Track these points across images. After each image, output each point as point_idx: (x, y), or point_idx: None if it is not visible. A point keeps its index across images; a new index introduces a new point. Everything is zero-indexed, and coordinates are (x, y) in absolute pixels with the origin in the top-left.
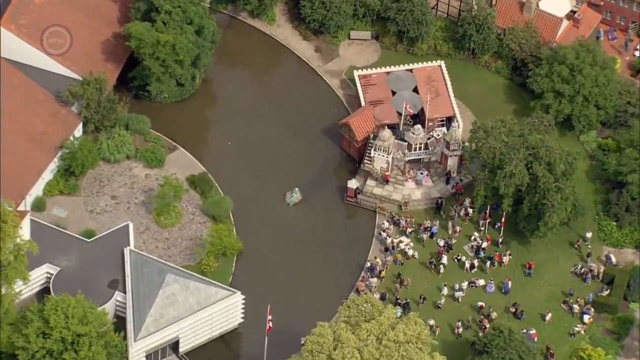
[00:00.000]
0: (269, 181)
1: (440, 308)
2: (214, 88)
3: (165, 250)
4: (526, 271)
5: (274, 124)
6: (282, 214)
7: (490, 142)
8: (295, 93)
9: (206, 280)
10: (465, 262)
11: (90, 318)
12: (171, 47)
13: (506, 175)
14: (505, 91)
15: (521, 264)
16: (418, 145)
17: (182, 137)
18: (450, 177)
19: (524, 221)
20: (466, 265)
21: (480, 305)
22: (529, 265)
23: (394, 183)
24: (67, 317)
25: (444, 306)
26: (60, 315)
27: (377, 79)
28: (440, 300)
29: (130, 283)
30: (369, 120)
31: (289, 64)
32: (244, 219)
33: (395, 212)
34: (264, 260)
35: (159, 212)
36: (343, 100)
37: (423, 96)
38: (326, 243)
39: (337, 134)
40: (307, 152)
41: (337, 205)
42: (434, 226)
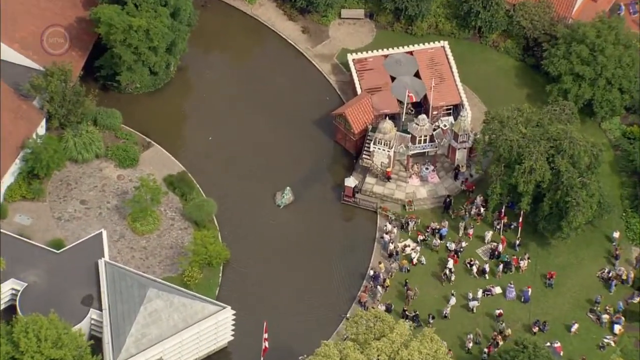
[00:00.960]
0: (257, 180)
1: (447, 318)
2: (190, 76)
3: (142, 261)
4: (547, 281)
5: (259, 115)
6: (273, 216)
7: (507, 134)
8: (282, 80)
9: (191, 294)
10: (473, 268)
11: (65, 340)
12: (144, 32)
13: (525, 171)
14: (517, 74)
15: (541, 274)
16: (423, 138)
17: (157, 132)
18: (459, 172)
19: (544, 221)
20: (474, 270)
21: (498, 313)
22: (549, 275)
23: (396, 180)
24: (39, 340)
25: (454, 317)
26: (31, 339)
27: (374, 63)
28: (446, 309)
29: (107, 299)
30: (366, 110)
31: (274, 48)
32: (230, 223)
33: (398, 213)
34: (254, 269)
35: (135, 217)
36: (336, 88)
37: (426, 81)
38: (322, 249)
39: (331, 125)
40: (297, 147)
41: (333, 206)
42: (442, 228)
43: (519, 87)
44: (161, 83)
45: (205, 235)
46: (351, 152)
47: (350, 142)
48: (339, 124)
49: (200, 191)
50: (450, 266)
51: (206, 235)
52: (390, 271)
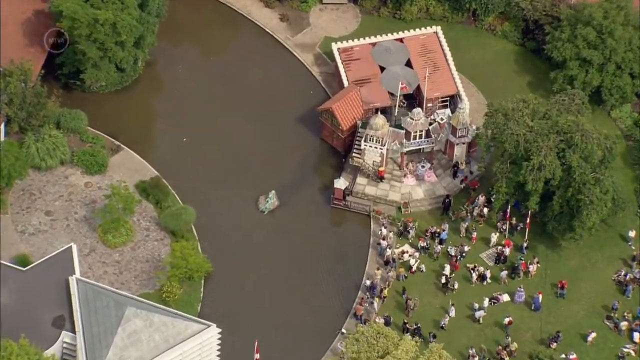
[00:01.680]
0: (238, 184)
1: (444, 329)
2: (160, 72)
3: (116, 276)
4: (558, 291)
5: (237, 113)
6: (256, 223)
7: (512, 128)
8: (261, 74)
9: (173, 312)
10: (473, 274)
11: None
12: (111, 26)
13: (534, 168)
14: (516, 60)
15: (551, 283)
16: (418, 133)
17: (127, 134)
18: (458, 169)
19: (554, 221)
20: (474, 277)
21: (508, 321)
22: (560, 284)
23: (389, 180)
24: None
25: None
26: None
27: (361, 52)
28: (443, 320)
29: (80, 320)
30: (355, 104)
31: (251, 38)
32: (210, 232)
33: (393, 216)
34: (238, 282)
35: (106, 229)
36: (319, 80)
37: (418, 71)
38: (312, 257)
39: (316, 122)
40: (280, 147)
41: (322, 210)
42: (442, 231)
43: (520, 75)
44: (129, 80)
45: (184, 247)
46: (339, 150)
47: (338, 140)
48: (326, 120)
49: (177, 198)
50: (447, 272)
51: (185, 246)
52: (387, 280)
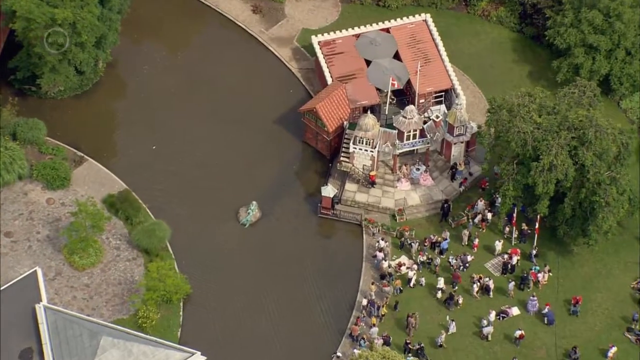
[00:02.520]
0: (215, 196)
1: (442, 347)
2: (123, 73)
3: (86, 302)
4: (571, 308)
5: (211, 116)
6: (238, 238)
7: (519, 125)
8: (234, 72)
9: (152, 339)
10: (474, 286)
11: None
12: (70, 25)
13: (544, 169)
14: (514, 48)
15: (564, 299)
16: (412, 133)
17: (90, 144)
18: (457, 171)
19: (565, 225)
20: (474, 289)
21: (519, 335)
22: (575, 300)
23: (382, 185)
24: None
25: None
26: None
27: (344, 45)
28: (439, 337)
29: (50, 353)
30: (341, 103)
31: (221, 33)
32: (187, 249)
33: (387, 225)
34: (220, 304)
35: (73, 249)
36: (299, 77)
37: (408, 64)
38: (300, 273)
39: (298, 124)
40: (260, 152)
41: (309, 221)
42: (444, 240)
43: (519, 64)
44: (89, 84)
45: (161, 267)
46: (325, 154)
47: (324, 143)
48: (309, 121)
49: (148, 212)
50: (442, 286)
51: (162, 266)
52: (385, 296)
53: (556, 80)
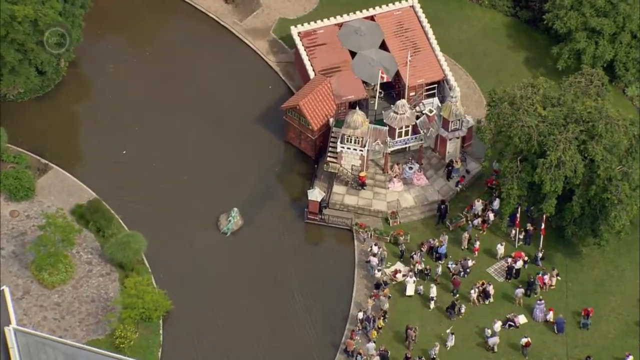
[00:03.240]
0: (193, 203)
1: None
2: (87, 72)
3: (58, 322)
4: (582, 321)
5: (184, 117)
6: (219, 248)
7: (523, 119)
8: (208, 68)
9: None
10: (472, 291)
11: None
12: (31, 23)
13: (552, 165)
14: (509, 34)
15: (573, 308)
16: (404, 129)
17: (55, 150)
18: (453, 168)
19: (573, 225)
20: (472, 295)
21: (525, 342)
22: (585, 312)
23: (372, 186)
24: None
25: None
26: None
27: (326, 35)
28: (433, 350)
29: None
30: (326, 99)
31: (191, 25)
32: (165, 262)
33: (379, 229)
34: (203, 320)
35: (41, 266)
36: (278, 72)
37: (396, 54)
38: (288, 284)
39: (280, 122)
40: (240, 155)
41: (295, 228)
42: (441, 245)
43: (514, 51)
44: (51, 85)
45: (138, 282)
46: (310, 154)
47: (308, 142)
48: (292, 119)
49: (122, 223)
50: (434, 295)
51: (140, 281)
52: (381, 306)
53: (557, 67)
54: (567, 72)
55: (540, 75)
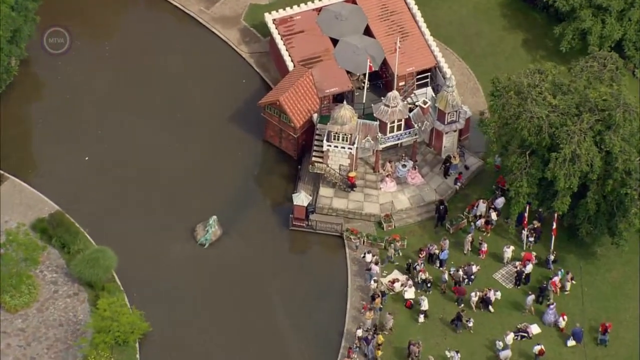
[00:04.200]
0: (166, 212)
1: None
2: (42, 71)
3: (23, 350)
4: (599, 337)
5: (152, 117)
6: (197, 261)
7: (531, 110)
8: (174, 62)
9: None
10: (472, 298)
11: None
12: None
13: (566, 159)
14: (503, 13)
15: (590, 326)
16: (396, 123)
17: (9, 159)
18: (451, 165)
19: (588, 223)
20: (472, 300)
21: (539, 351)
22: (603, 328)
23: (363, 187)
24: None
25: None
26: None
27: (304, 22)
28: None
29: None
30: (308, 93)
31: (154, 16)
32: (138, 278)
33: (372, 235)
34: (183, 342)
35: (2, 288)
36: (252, 64)
37: (382, 40)
38: (275, 299)
39: (257, 120)
40: (215, 157)
41: (279, 236)
42: (443, 250)
43: (510, 32)
44: (1, 86)
45: (112, 303)
46: (291, 154)
47: (289, 141)
48: (271, 117)
49: (88, 238)
50: (425, 307)
51: (113, 302)
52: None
53: (559, 49)
54: (571, 54)
55: (541, 58)
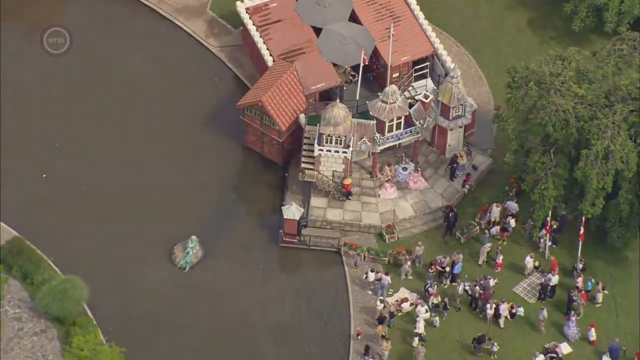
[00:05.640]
0: (139, 232)
1: None
2: None
3: None
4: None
5: (115, 124)
6: (177, 287)
7: (556, 102)
8: (135, 61)
9: None
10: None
11: None
12: None
13: (598, 157)
14: None
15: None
16: (395, 122)
17: None
18: (457, 165)
19: (619, 226)
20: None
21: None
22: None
23: (359, 195)
24: None
25: None
26: None
27: (281, 9)
28: None
29: None
30: (293, 91)
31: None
32: (113, 310)
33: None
34: None
35: None
36: (223, 59)
37: (371, 27)
38: (268, 327)
39: (235, 124)
40: (189, 168)
41: (268, 254)
42: (456, 263)
43: (512, 11)
44: None
45: (87, 341)
46: (276, 161)
47: (273, 146)
48: (252, 120)
49: (53, 267)
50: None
51: (89, 340)
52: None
53: (572, 29)
54: (585, 35)
55: (550, 40)
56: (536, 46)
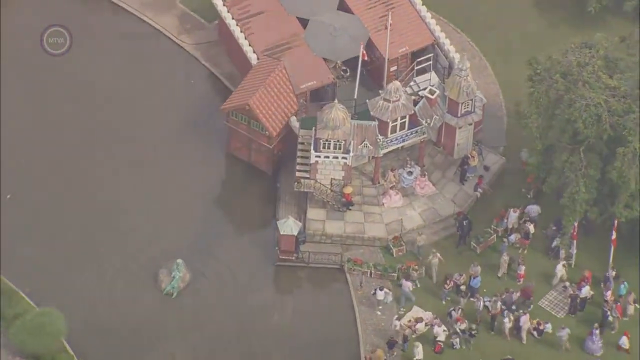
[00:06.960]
0: (120, 257)
1: None
2: None
3: None
4: None
5: (85, 136)
6: (163, 315)
7: (586, 95)
8: (104, 63)
9: None
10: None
11: None
12: None
13: (636, 155)
14: None
15: None
16: (399, 122)
17: None
18: (468, 167)
19: None
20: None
21: None
22: None
23: (361, 205)
24: None
25: None
26: None
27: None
28: None
29: None
30: (283, 91)
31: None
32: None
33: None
34: None
35: None
36: (198, 58)
37: (363, 16)
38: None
39: (217, 129)
40: (169, 182)
41: (263, 275)
42: (475, 277)
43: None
44: None
45: None
46: (265, 169)
47: (262, 153)
48: (238, 125)
49: (27, 299)
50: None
51: None
52: None
53: (588, 11)
54: (600, 15)
55: (561, 22)
56: (545, 29)
